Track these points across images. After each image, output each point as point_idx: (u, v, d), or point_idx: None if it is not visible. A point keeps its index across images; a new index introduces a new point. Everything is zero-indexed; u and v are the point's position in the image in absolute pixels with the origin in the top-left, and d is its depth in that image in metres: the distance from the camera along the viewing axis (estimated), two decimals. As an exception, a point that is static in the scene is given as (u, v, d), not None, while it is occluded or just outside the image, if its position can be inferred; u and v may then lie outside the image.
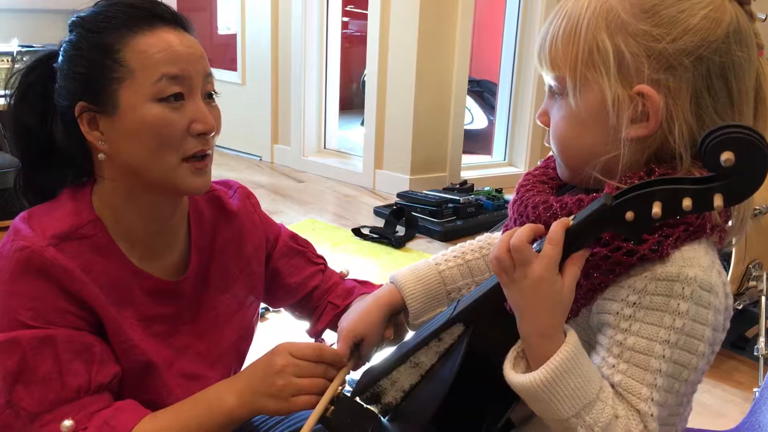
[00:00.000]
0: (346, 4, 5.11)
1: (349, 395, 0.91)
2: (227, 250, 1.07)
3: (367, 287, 1.18)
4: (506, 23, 4.59)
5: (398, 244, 3.30)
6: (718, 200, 0.66)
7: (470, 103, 5.09)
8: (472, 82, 4.90)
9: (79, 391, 0.86)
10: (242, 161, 4.92)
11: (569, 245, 0.73)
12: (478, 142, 5.09)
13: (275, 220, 1.21)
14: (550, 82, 0.81)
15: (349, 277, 1.22)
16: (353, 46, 5.87)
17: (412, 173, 4.15)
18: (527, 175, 0.90)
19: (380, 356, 0.95)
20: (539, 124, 0.84)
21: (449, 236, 3.45)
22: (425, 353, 0.87)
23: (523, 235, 0.74)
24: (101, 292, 0.90)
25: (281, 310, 1.23)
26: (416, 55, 3.97)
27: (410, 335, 1.00)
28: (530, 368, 0.75)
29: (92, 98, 0.90)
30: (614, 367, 0.74)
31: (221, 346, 1.05)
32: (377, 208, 3.81)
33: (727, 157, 0.63)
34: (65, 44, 0.93)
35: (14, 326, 0.85)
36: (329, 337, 1.13)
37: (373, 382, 0.90)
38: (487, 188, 3.93)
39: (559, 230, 0.73)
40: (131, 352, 0.92)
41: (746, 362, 2.24)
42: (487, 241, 1.04)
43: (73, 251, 0.89)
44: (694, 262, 0.72)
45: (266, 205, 3.79)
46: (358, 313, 0.98)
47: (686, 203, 0.67)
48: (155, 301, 0.97)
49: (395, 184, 4.14)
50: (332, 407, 0.87)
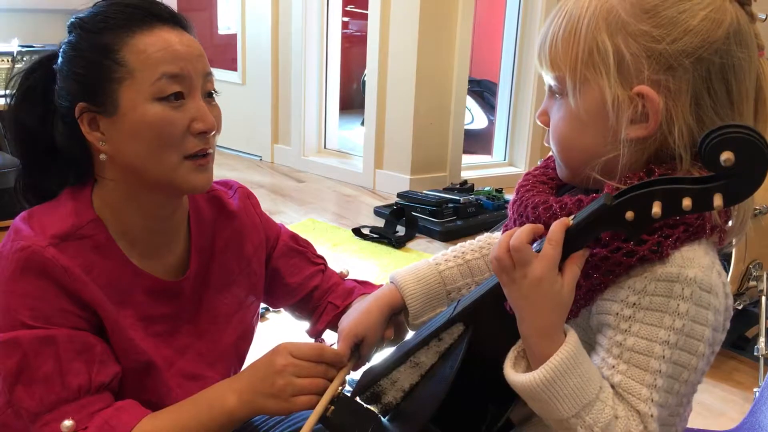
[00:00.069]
0: (346, 4, 5.11)
1: (349, 395, 0.91)
2: (227, 250, 1.07)
3: (367, 287, 1.18)
4: (506, 23, 4.58)
5: (398, 244, 3.30)
6: (717, 200, 0.66)
7: (470, 103, 5.09)
8: (472, 82, 4.90)
9: (79, 390, 0.86)
10: (242, 161, 4.92)
11: (569, 245, 0.73)
12: (478, 142, 5.09)
13: (275, 220, 1.21)
14: (549, 82, 0.81)
15: (349, 277, 1.22)
16: (353, 46, 5.87)
17: (412, 173, 4.15)
18: (527, 175, 0.90)
19: (380, 356, 0.95)
20: (539, 123, 0.84)
21: (449, 236, 3.44)
22: (425, 353, 0.87)
23: (522, 235, 0.74)
24: (102, 291, 0.90)
25: (281, 310, 1.23)
26: (416, 55, 3.97)
27: (410, 335, 1.00)
28: (530, 368, 0.75)
29: (92, 99, 0.90)
30: (614, 367, 0.74)
31: (221, 345, 1.05)
32: (377, 208, 3.81)
33: (726, 156, 0.63)
34: (64, 45, 0.93)
35: (15, 326, 0.85)
36: (329, 337, 1.13)
37: (373, 382, 0.90)
38: (487, 188, 3.93)
39: (558, 230, 0.73)
40: (131, 351, 0.92)
41: (746, 362, 2.24)
42: (487, 241, 1.04)
43: (73, 251, 0.89)
44: (694, 262, 0.72)
45: (266, 205, 3.79)
46: (358, 313, 0.98)
47: (686, 203, 0.67)
48: (155, 300, 0.97)
49: (395, 184, 4.14)
50: (332, 407, 0.87)
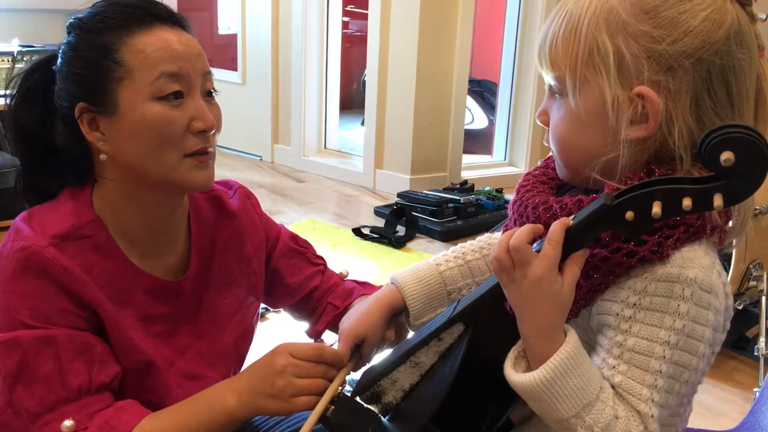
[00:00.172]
0: (346, 4, 5.11)
1: (349, 395, 0.91)
2: (227, 250, 1.07)
3: (366, 288, 1.18)
4: (506, 23, 4.59)
5: (398, 244, 3.30)
6: (718, 200, 0.66)
7: (470, 103, 5.09)
8: (472, 82, 4.89)
9: (79, 390, 0.86)
10: (243, 161, 4.92)
11: (569, 245, 0.73)
12: (478, 142, 5.09)
13: (275, 220, 1.21)
14: (549, 81, 0.81)
15: (348, 277, 1.22)
16: (354, 46, 5.86)
17: (412, 173, 4.15)
18: (527, 175, 0.90)
19: (380, 356, 0.95)
20: (539, 123, 0.84)
21: (449, 236, 3.44)
22: (425, 353, 0.87)
23: (522, 235, 0.74)
24: (102, 291, 0.90)
25: (281, 310, 1.23)
26: (417, 55, 3.97)
27: (410, 335, 1.00)
28: (531, 368, 0.75)
29: (92, 99, 0.90)
30: (614, 368, 0.74)
31: (221, 345, 1.05)
32: (377, 208, 3.81)
33: (726, 156, 0.63)
34: (63, 46, 0.93)
35: (15, 326, 0.85)
36: (328, 337, 1.13)
37: (373, 381, 0.90)
38: (487, 188, 3.93)
39: (558, 230, 0.73)
40: (132, 351, 0.92)
41: (746, 362, 2.24)
42: (487, 241, 1.04)
43: (73, 251, 0.89)
44: (694, 263, 0.72)
45: (266, 205, 3.79)
46: (359, 314, 0.98)
47: (686, 203, 0.67)
48: (155, 300, 0.97)
49: (395, 184, 4.14)
50: (332, 407, 0.87)
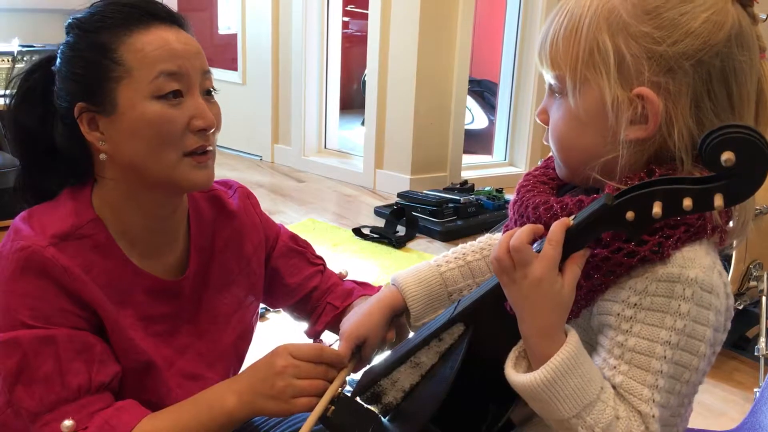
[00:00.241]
0: (346, 3, 5.11)
1: (349, 395, 0.91)
2: (227, 249, 1.07)
3: (366, 289, 1.18)
4: (507, 23, 4.59)
5: (399, 244, 3.30)
6: (718, 200, 0.66)
7: (471, 103, 5.08)
8: (472, 81, 4.89)
9: (79, 390, 0.86)
10: (243, 161, 4.92)
11: (569, 245, 0.73)
12: (478, 142, 5.09)
13: (275, 220, 1.21)
14: (550, 80, 0.81)
15: (348, 277, 1.22)
16: (354, 45, 5.86)
17: (412, 173, 4.15)
18: (527, 175, 0.90)
19: (381, 357, 0.95)
20: (538, 122, 0.84)
21: (450, 236, 3.44)
22: (426, 353, 0.87)
23: (522, 235, 0.74)
24: (101, 291, 0.90)
25: (281, 310, 1.23)
26: (417, 55, 3.97)
27: (411, 335, 1.00)
28: (531, 368, 0.75)
29: (91, 99, 0.90)
30: (615, 368, 0.74)
31: (221, 345, 1.05)
32: (378, 208, 3.81)
33: (727, 156, 0.63)
34: (62, 46, 0.93)
35: (15, 326, 0.85)
36: (328, 337, 1.13)
37: (373, 382, 0.90)
38: (487, 188, 3.93)
39: (558, 230, 0.73)
40: (131, 351, 0.92)
41: (747, 362, 2.24)
42: (487, 242, 1.03)
43: (73, 251, 0.89)
44: (695, 263, 0.72)
45: (266, 205, 3.79)
46: (360, 315, 0.98)
47: (687, 203, 0.67)
48: (155, 300, 0.97)
49: (396, 183, 4.14)
50: (332, 407, 0.87)
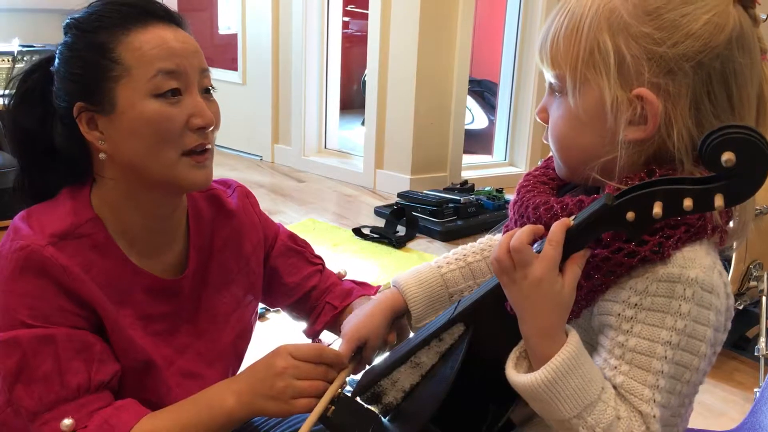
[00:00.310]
0: (346, 3, 5.11)
1: (349, 395, 0.91)
2: (226, 248, 1.07)
3: (365, 288, 1.18)
4: (507, 23, 4.58)
5: (399, 244, 3.30)
6: (718, 200, 0.66)
7: (471, 103, 5.08)
8: (472, 82, 4.89)
9: (79, 389, 0.86)
10: (243, 161, 4.92)
11: (570, 245, 0.73)
12: (478, 142, 5.09)
13: (276, 220, 1.21)
14: (550, 79, 0.80)
15: (347, 277, 1.22)
16: (354, 45, 5.86)
17: (412, 173, 4.15)
18: (527, 175, 0.90)
19: (381, 357, 0.95)
20: (538, 120, 0.84)
21: (450, 236, 3.44)
22: (426, 353, 0.87)
23: (522, 236, 0.74)
24: (101, 290, 0.90)
25: (280, 310, 1.23)
26: (417, 55, 3.97)
27: (411, 335, 1.00)
28: (532, 368, 0.75)
29: (89, 98, 0.90)
30: (616, 368, 0.74)
31: (220, 344, 1.05)
32: (378, 208, 3.81)
33: (727, 157, 0.63)
34: (61, 47, 0.93)
35: (14, 325, 0.85)
36: (326, 337, 1.13)
37: (373, 382, 0.90)
38: (487, 188, 3.93)
39: (558, 231, 0.73)
40: (131, 350, 0.92)
41: (747, 362, 2.24)
42: (488, 243, 1.04)
43: (72, 250, 0.89)
44: (695, 263, 0.72)
45: (267, 205, 3.79)
46: (361, 316, 0.98)
47: (687, 203, 0.67)
48: (154, 299, 0.97)
49: (396, 184, 4.14)
50: (333, 407, 0.87)
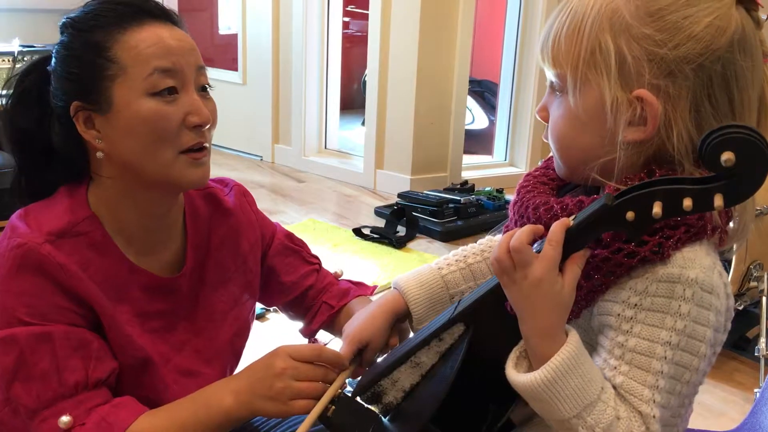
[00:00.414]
0: (346, 4, 5.11)
1: (349, 395, 0.91)
2: (223, 247, 1.07)
3: (361, 288, 1.19)
4: (507, 23, 4.58)
5: (399, 244, 3.30)
6: (718, 200, 0.66)
7: (471, 103, 5.08)
8: (472, 82, 4.89)
9: (76, 387, 0.86)
10: (243, 161, 4.91)
11: (569, 245, 0.73)
12: (478, 142, 5.09)
13: (276, 220, 1.21)
14: (551, 78, 0.80)
15: (346, 277, 1.22)
16: (354, 46, 5.86)
17: (412, 173, 4.15)
18: (528, 176, 0.90)
19: (381, 357, 0.95)
20: (538, 118, 0.84)
21: (450, 236, 3.44)
22: (426, 353, 0.87)
23: (522, 236, 0.74)
24: (98, 288, 0.90)
25: (277, 309, 1.23)
26: (417, 55, 3.96)
27: (411, 335, 1.00)
28: (532, 368, 0.75)
29: (86, 97, 0.90)
30: (616, 368, 0.74)
31: (217, 342, 1.05)
32: (378, 208, 3.81)
33: (727, 157, 0.63)
34: (57, 46, 0.93)
35: (11, 323, 0.85)
36: (323, 336, 1.13)
37: (373, 382, 0.90)
38: (487, 188, 3.92)
39: (558, 231, 0.73)
40: (128, 347, 0.92)
41: (747, 363, 2.24)
42: (488, 244, 1.04)
43: (69, 248, 0.89)
44: (695, 263, 0.72)
45: (267, 205, 3.79)
46: (363, 318, 0.98)
47: (687, 203, 0.67)
48: (152, 297, 0.97)
49: (396, 184, 4.14)
50: (333, 407, 0.87)
